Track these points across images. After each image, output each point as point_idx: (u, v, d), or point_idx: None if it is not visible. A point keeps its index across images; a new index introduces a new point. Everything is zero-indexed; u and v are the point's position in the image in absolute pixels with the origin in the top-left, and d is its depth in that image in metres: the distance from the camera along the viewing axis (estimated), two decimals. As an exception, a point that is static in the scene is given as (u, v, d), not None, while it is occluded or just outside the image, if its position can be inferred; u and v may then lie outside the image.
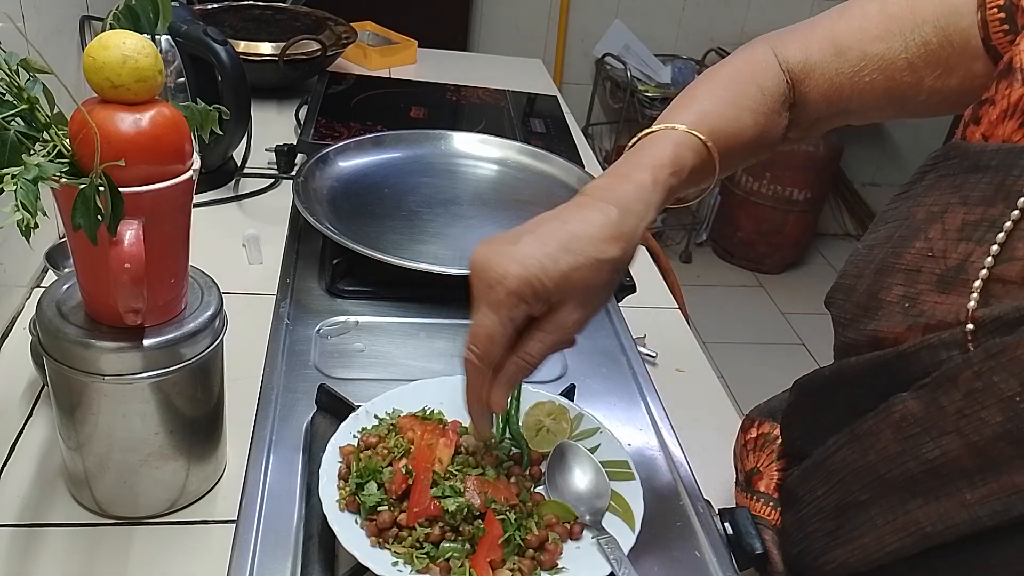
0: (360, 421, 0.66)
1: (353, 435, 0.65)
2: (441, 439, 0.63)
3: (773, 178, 2.91)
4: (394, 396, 0.69)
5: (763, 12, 2.94)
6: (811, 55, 0.64)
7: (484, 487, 0.60)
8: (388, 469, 0.61)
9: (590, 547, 0.60)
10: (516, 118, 1.44)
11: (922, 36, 0.59)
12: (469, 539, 0.58)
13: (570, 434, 0.68)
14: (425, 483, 0.59)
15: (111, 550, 0.61)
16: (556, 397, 0.72)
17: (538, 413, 0.69)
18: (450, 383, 0.70)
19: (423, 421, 0.66)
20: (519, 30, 2.80)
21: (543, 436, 0.68)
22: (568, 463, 0.65)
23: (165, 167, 0.52)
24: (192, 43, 1.04)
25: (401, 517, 0.58)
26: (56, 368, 0.57)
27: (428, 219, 0.98)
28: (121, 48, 0.50)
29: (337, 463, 0.62)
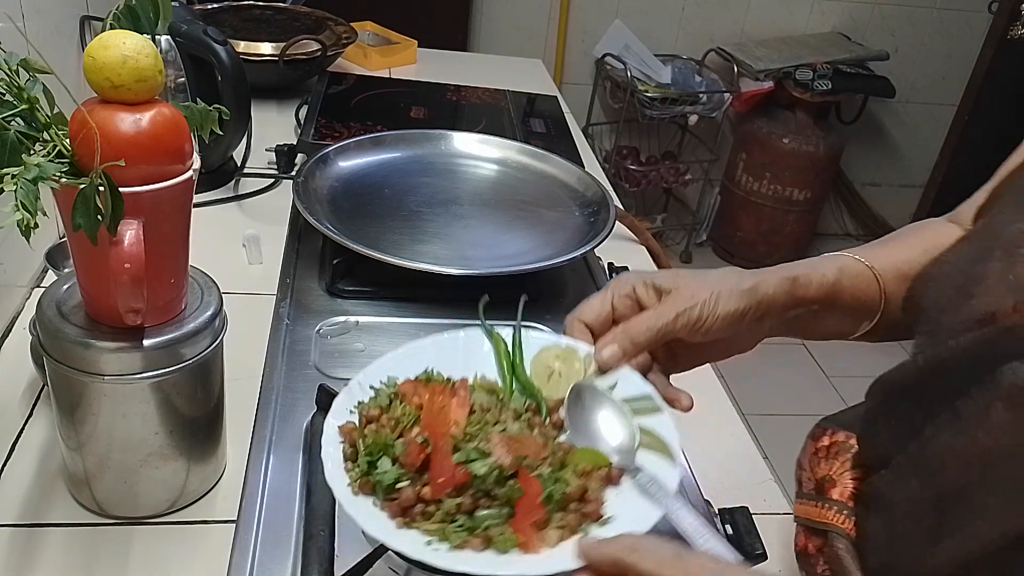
0: (354, 395, 0.60)
1: (350, 411, 0.59)
2: (452, 400, 0.58)
3: (773, 178, 2.91)
4: (386, 363, 0.63)
5: (763, 12, 2.94)
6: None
7: (510, 444, 0.54)
8: (400, 441, 0.55)
9: (631, 491, 0.55)
10: (516, 118, 1.44)
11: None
12: (505, 502, 0.52)
13: (584, 375, 0.62)
14: (445, 449, 0.53)
15: (111, 550, 0.61)
16: (561, 338, 0.65)
17: (545, 358, 0.64)
18: (444, 341, 0.65)
19: (427, 384, 0.60)
20: (519, 30, 2.80)
21: (556, 381, 0.62)
22: (588, 405, 0.60)
23: (165, 167, 0.52)
24: (192, 43, 1.04)
25: (424, 491, 0.52)
26: (56, 368, 0.57)
27: (428, 219, 0.98)
28: (121, 48, 0.50)
29: (339, 444, 0.57)
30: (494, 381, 0.63)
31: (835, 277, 0.66)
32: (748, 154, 2.96)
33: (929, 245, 0.70)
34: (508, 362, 0.64)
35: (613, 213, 0.98)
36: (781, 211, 2.96)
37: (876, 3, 2.99)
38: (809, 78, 2.74)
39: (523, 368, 0.63)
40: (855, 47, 2.93)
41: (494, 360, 0.65)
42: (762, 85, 2.79)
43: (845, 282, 0.66)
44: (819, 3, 2.95)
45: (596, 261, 1.00)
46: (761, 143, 2.90)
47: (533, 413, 0.60)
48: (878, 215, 3.38)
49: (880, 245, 0.73)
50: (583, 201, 1.04)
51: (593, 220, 0.99)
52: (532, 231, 0.99)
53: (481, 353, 0.65)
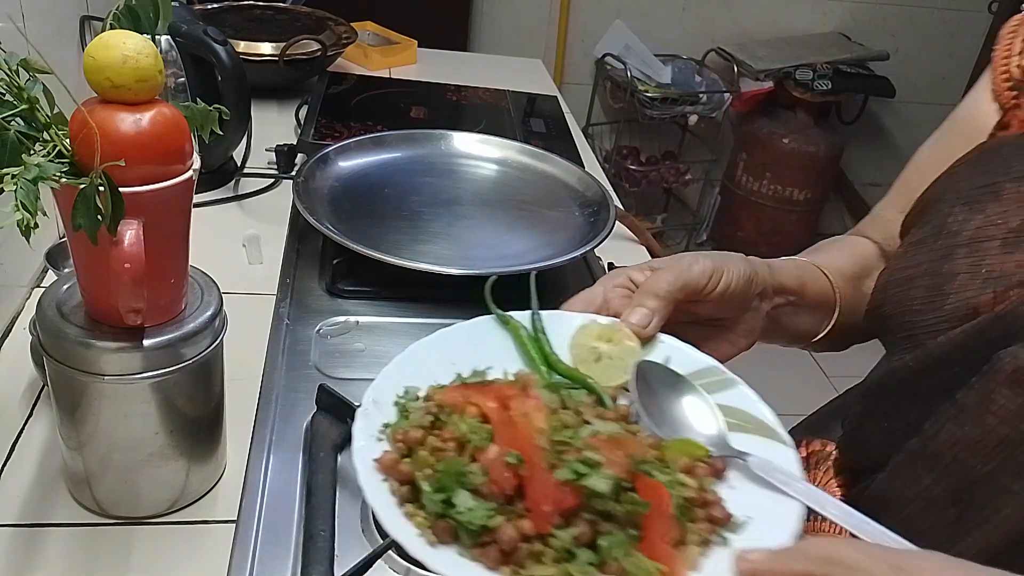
0: (373, 419, 0.49)
1: (377, 438, 0.48)
2: (528, 402, 0.47)
3: (773, 178, 2.91)
4: (394, 373, 0.53)
5: (763, 12, 2.93)
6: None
7: (617, 447, 0.45)
8: (476, 466, 0.44)
9: (744, 482, 0.47)
10: (516, 118, 1.44)
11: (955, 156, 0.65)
12: (628, 522, 0.43)
13: (640, 349, 0.55)
14: (543, 467, 0.43)
15: (111, 550, 0.61)
16: (593, 316, 0.57)
17: (586, 340, 0.55)
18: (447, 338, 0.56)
19: (484, 387, 0.49)
20: (519, 30, 2.80)
21: (607, 366, 0.54)
22: (657, 387, 0.52)
23: (165, 167, 0.52)
24: (192, 43, 1.04)
25: (524, 525, 0.42)
26: (56, 368, 0.57)
27: (428, 219, 0.98)
28: (122, 48, 0.50)
29: (382, 483, 0.45)
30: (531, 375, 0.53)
31: (798, 272, 0.67)
32: (748, 154, 2.96)
33: (854, 253, 0.74)
34: (537, 351, 0.55)
35: (613, 213, 0.98)
36: (782, 211, 2.96)
37: (876, 3, 2.99)
38: (809, 78, 2.74)
39: (557, 356, 0.55)
40: (855, 47, 2.93)
41: (517, 352, 0.56)
42: (762, 85, 2.79)
43: (806, 278, 0.67)
44: (819, 3, 2.95)
45: (596, 261, 1.00)
46: (761, 143, 2.90)
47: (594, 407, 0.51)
48: (878, 215, 3.37)
49: (814, 252, 0.74)
50: (583, 201, 1.04)
51: (593, 220, 0.99)
52: (532, 231, 0.99)
53: (494, 346, 0.57)
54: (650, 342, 0.57)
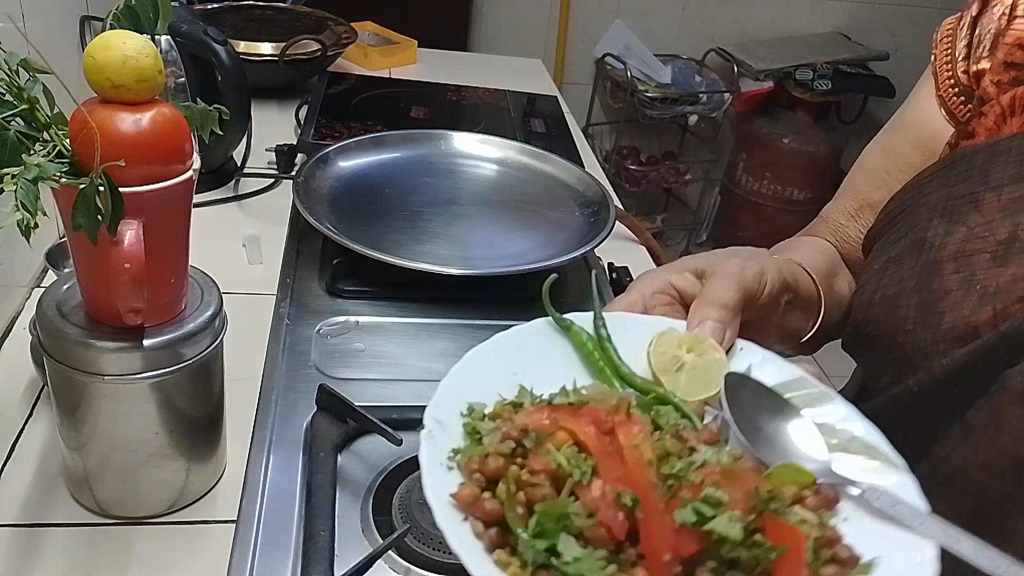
0: (440, 441, 0.42)
1: (447, 467, 0.41)
2: (634, 429, 0.41)
3: (774, 178, 2.91)
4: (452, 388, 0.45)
5: (763, 12, 2.94)
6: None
7: (736, 483, 0.39)
8: (579, 507, 0.37)
9: (862, 513, 0.41)
10: (516, 118, 1.44)
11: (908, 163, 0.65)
12: (755, 569, 0.37)
13: (726, 365, 0.48)
14: (657, 507, 0.37)
15: (111, 550, 0.61)
16: (670, 322, 0.51)
17: (667, 348, 0.49)
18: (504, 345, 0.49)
19: (578, 408, 0.43)
20: (519, 30, 2.80)
21: (692, 379, 0.47)
22: (750, 404, 0.46)
23: (165, 167, 0.52)
24: (192, 43, 1.04)
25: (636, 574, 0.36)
26: (56, 368, 0.57)
27: (428, 219, 0.98)
28: (122, 48, 0.50)
29: (462, 522, 0.38)
30: (626, 393, 0.47)
31: (790, 268, 0.63)
32: (748, 154, 2.96)
33: (821, 251, 0.72)
34: (607, 361, 0.49)
35: (613, 213, 0.98)
36: (781, 211, 2.96)
37: (876, 3, 2.99)
38: (809, 78, 2.74)
39: (630, 370, 0.48)
40: (855, 47, 2.93)
41: (581, 363, 0.50)
42: (762, 85, 2.79)
43: (797, 274, 0.63)
44: (819, 3, 2.95)
45: (596, 261, 1.00)
46: (761, 143, 2.90)
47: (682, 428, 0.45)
48: (878, 215, 3.37)
49: (786, 251, 0.71)
50: (583, 201, 1.04)
51: (593, 220, 0.99)
52: (532, 231, 0.99)
53: (557, 353, 0.51)
54: (728, 352, 0.51)
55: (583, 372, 0.49)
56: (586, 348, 0.50)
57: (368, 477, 0.66)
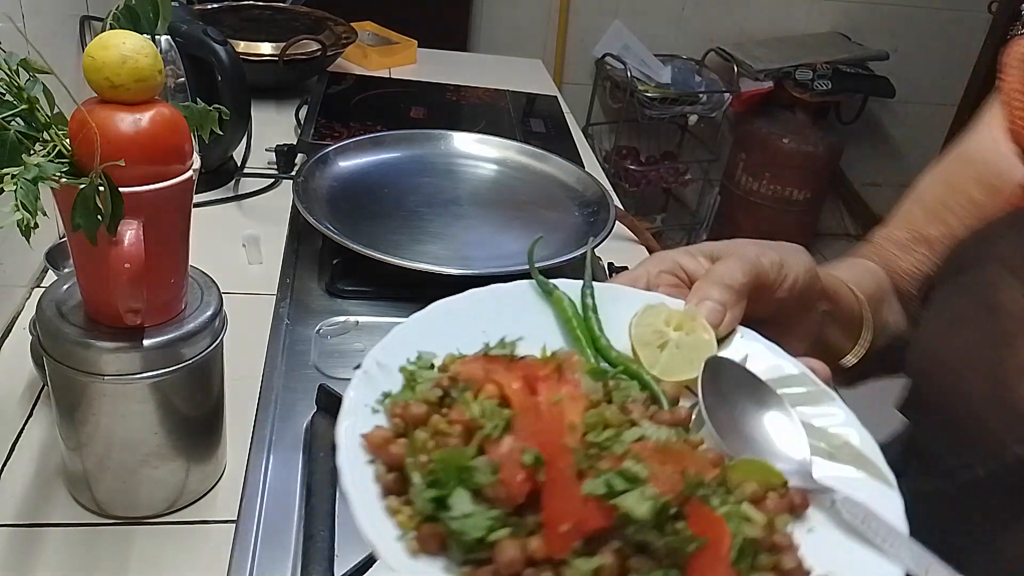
0: (376, 382, 0.40)
1: (373, 408, 0.39)
2: (563, 388, 0.38)
3: (773, 178, 2.91)
4: (411, 331, 0.44)
5: (762, 12, 2.94)
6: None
7: (668, 461, 0.35)
8: (484, 460, 0.34)
9: (829, 526, 0.37)
10: (516, 118, 1.44)
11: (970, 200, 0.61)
12: (669, 559, 0.33)
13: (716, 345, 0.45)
14: (568, 474, 0.34)
15: (111, 550, 0.61)
16: (663, 296, 0.48)
17: (652, 322, 0.46)
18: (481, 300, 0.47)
19: (512, 362, 0.40)
20: (519, 30, 2.80)
21: (672, 357, 0.44)
22: (725, 392, 0.42)
23: (165, 167, 0.52)
24: (192, 43, 1.04)
25: (535, 545, 0.32)
26: (56, 368, 0.57)
27: (428, 219, 0.98)
28: (121, 48, 0.50)
29: (367, 464, 0.36)
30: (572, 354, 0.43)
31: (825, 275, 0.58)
32: (748, 154, 2.96)
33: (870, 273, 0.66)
34: (584, 330, 0.46)
35: (613, 213, 0.98)
36: (781, 211, 2.96)
37: (876, 3, 2.99)
38: (809, 78, 2.74)
39: (608, 341, 0.45)
40: (855, 47, 2.93)
41: (559, 327, 0.47)
42: (762, 85, 2.79)
43: (837, 287, 0.59)
44: (819, 3, 2.95)
45: (596, 261, 1.00)
46: (761, 143, 2.90)
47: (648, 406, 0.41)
48: (878, 215, 3.38)
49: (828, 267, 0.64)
50: (583, 201, 1.04)
51: (593, 220, 0.99)
52: (532, 231, 0.99)
53: (533, 317, 0.48)
54: (727, 337, 0.47)
55: (558, 339, 0.46)
56: (566, 314, 0.47)
57: (368, 477, 0.66)
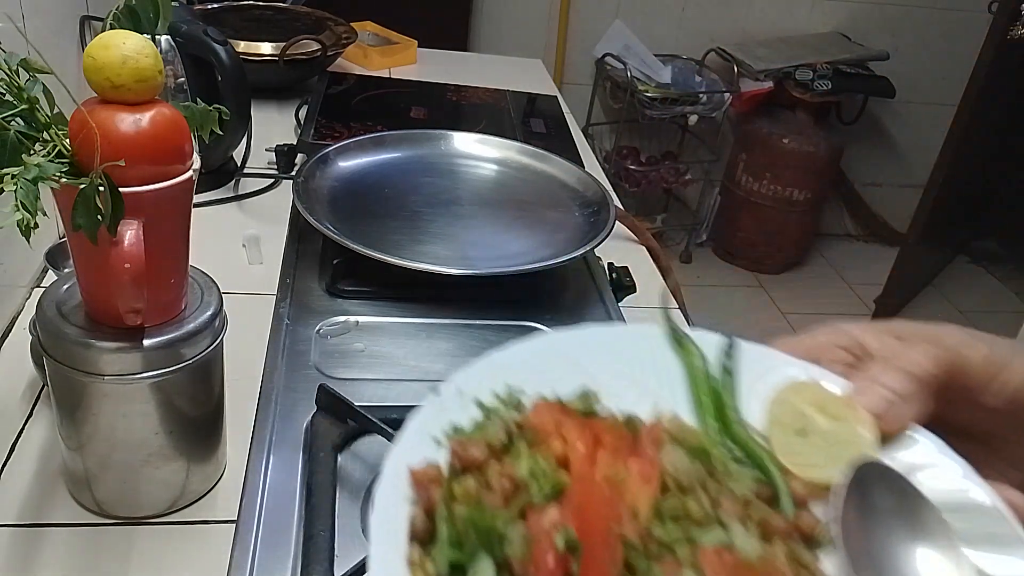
0: (449, 412, 0.35)
1: (436, 441, 0.34)
2: (632, 464, 0.32)
3: (773, 178, 2.91)
4: (509, 361, 0.38)
5: (763, 12, 2.94)
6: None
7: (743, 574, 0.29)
8: (519, 529, 0.30)
9: None
10: (516, 118, 1.44)
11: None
12: None
13: (875, 446, 0.36)
14: (608, 571, 0.28)
15: (111, 550, 0.61)
16: (820, 371, 0.39)
17: (797, 401, 0.38)
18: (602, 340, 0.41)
19: (586, 420, 0.35)
20: (519, 30, 2.80)
21: (814, 448, 0.36)
22: (875, 510, 0.33)
23: (165, 167, 0.52)
24: (192, 43, 1.04)
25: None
26: (56, 368, 0.57)
27: (428, 219, 0.98)
28: (121, 48, 0.50)
29: (405, 503, 0.32)
30: (694, 427, 0.37)
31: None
32: (748, 154, 2.96)
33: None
34: (711, 396, 0.39)
35: (613, 213, 0.98)
36: (781, 211, 2.96)
37: (876, 3, 2.99)
38: (809, 78, 2.74)
39: (737, 413, 0.38)
40: (855, 47, 2.93)
41: (682, 388, 0.40)
42: (762, 85, 2.79)
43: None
44: (819, 3, 2.95)
45: (596, 261, 1.00)
46: (761, 143, 2.90)
47: (766, 503, 0.33)
48: (878, 215, 3.38)
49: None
50: (583, 201, 1.04)
51: (593, 220, 0.99)
52: (532, 231, 0.99)
53: (657, 368, 0.40)
54: (897, 440, 0.37)
55: (677, 399, 0.39)
56: (693, 372, 0.40)
57: (368, 477, 0.66)
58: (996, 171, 3.11)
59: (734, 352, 0.41)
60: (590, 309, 0.91)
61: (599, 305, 0.92)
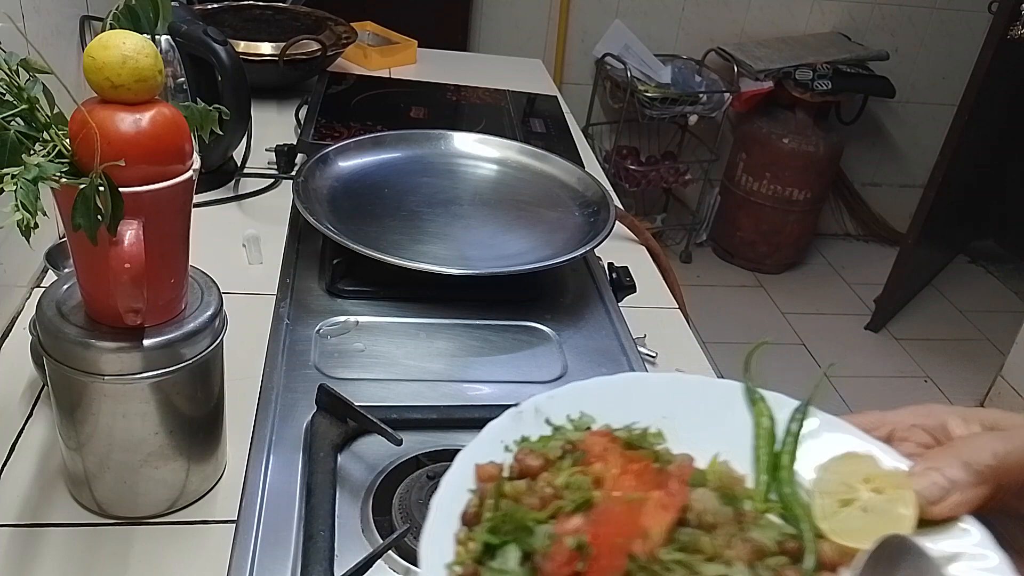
0: (522, 425, 0.41)
1: (506, 447, 0.40)
2: (656, 492, 0.36)
3: (773, 178, 2.91)
4: (585, 392, 0.43)
5: (763, 12, 2.94)
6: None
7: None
8: (547, 528, 0.35)
9: None
10: (516, 118, 1.44)
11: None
12: None
13: (913, 526, 0.37)
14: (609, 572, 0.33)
15: (111, 550, 0.61)
16: (882, 447, 0.42)
17: (848, 472, 0.40)
18: (685, 386, 0.45)
19: (626, 448, 0.40)
20: (519, 30, 2.80)
21: (852, 519, 0.38)
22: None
23: (165, 167, 0.52)
24: (192, 43, 1.04)
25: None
26: (56, 368, 0.57)
27: (428, 219, 0.98)
28: (121, 48, 0.50)
29: (466, 491, 0.38)
30: (741, 476, 0.41)
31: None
32: (748, 154, 2.96)
33: None
34: (770, 454, 0.42)
35: (613, 213, 0.98)
36: (781, 211, 2.96)
37: (876, 3, 2.99)
38: (809, 78, 2.74)
39: (793, 472, 0.41)
40: (855, 47, 2.93)
41: (750, 443, 0.43)
42: (762, 85, 2.79)
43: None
44: (819, 3, 2.95)
45: (596, 261, 1.00)
46: (761, 143, 2.90)
47: (787, 557, 0.37)
48: (878, 215, 3.38)
49: None
50: (583, 201, 1.04)
51: (593, 220, 0.99)
52: (532, 231, 0.99)
53: (725, 419, 0.44)
54: (943, 524, 0.38)
55: (738, 453, 0.42)
56: (760, 429, 0.43)
57: (368, 477, 0.66)
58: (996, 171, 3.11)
59: (803, 419, 0.43)
60: (590, 309, 0.91)
61: (599, 305, 0.92)
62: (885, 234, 3.37)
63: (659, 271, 1.10)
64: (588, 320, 0.89)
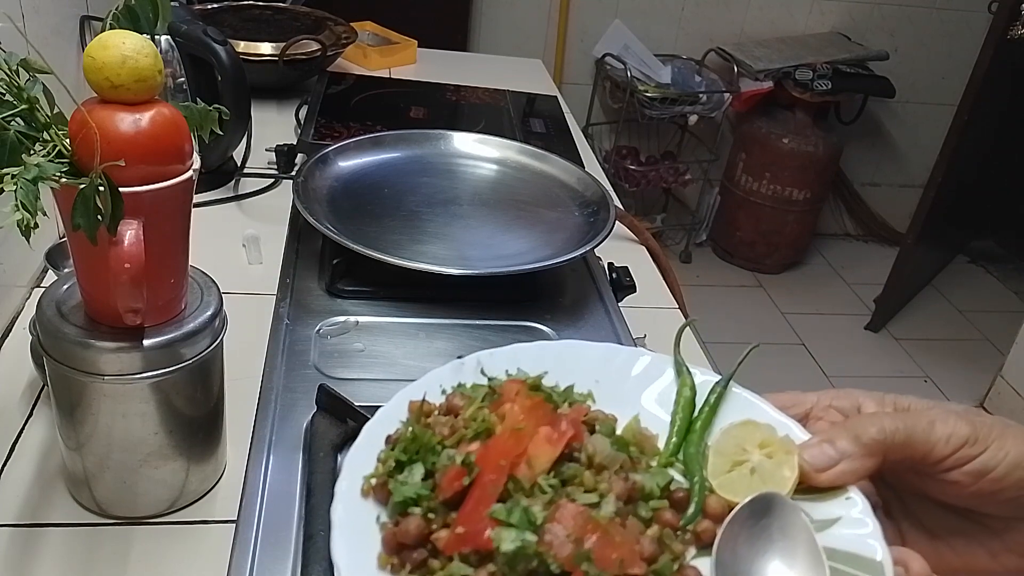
0: (463, 374, 0.48)
1: (443, 390, 0.47)
2: (544, 428, 0.41)
3: (773, 178, 2.91)
4: (527, 353, 0.49)
5: (763, 12, 2.94)
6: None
7: (586, 528, 0.37)
8: (448, 452, 0.41)
9: None
10: (516, 118, 1.44)
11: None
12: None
13: (791, 489, 0.42)
14: (490, 491, 0.38)
15: (111, 550, 0.61)
16: (785, 420, 0.46)
17: (744, 437, 0.45)
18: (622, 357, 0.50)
19: (535, 392, 0.45)
20: (519, 30, 2.80)
21: (740, 477, 0.43)
22: (770, 537, 0.39)
23: (165, 167, 0.52)
24: (192, 43, 1.04)
25: (439, 535, 0.38)
26: (56, 368, 0.57)
27: (428, 219, 0.98)
28: (121, 48, 0.50)
29: (397, 422, 0.45)
30: (649, 433, 0.46)
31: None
32: (748, 154, 2.96)
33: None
34: (685, 419, 0.47)
35: (613, 213, 0.98)
36: (780, 211, 2.96)
37: (876, 3, 2.99)
38: (809, 78, 2.74)
39: (703, 435, 0.46)
40: (855, 47, 2.93)
41: (672, 409, 0.49)
42: (762, 85, 2.79)
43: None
44: (819, 3, 2.95)
45: (596, 261, 1.00)
46: (761, 143, 2.90)
47: (671, 505, 0.42)
48: (878, 215, 3.38)
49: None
50: (583, 201, 1.04)
51: (593, 220, 0.99)
52: (532, 231, 0.99)
53: (650, 386, 0.50)
54: (832, 492, 0.42)
55: (657, 417, 0.48)
56: (681, 396, 0.49)
57: (368, 477, 0.66)
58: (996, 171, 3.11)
59: (722, 393, 0.48)
60: (590, 309, 0.91)
61: (599, 305, 0.92)
62: (885, 234, 3.37)
63: (659, 271, 1.10)
64: (588, 320, 0.89)
